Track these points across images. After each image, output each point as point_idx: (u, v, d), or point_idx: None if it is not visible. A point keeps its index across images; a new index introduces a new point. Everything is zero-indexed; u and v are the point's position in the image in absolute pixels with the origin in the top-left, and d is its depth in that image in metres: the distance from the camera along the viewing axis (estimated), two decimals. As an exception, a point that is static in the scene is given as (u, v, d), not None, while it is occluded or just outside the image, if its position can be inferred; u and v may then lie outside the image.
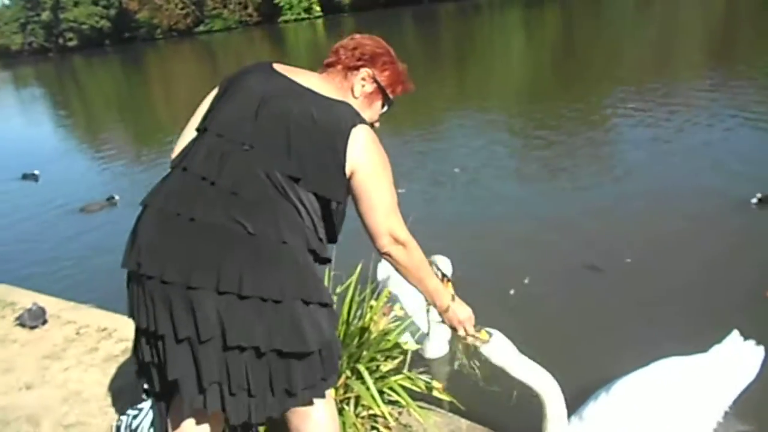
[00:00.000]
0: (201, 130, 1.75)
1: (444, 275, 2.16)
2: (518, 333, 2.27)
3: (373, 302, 2.70)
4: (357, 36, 1.94)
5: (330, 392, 1.88)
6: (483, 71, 15.53)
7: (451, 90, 13.32)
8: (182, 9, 69.29)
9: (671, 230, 4.56)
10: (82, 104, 23.49)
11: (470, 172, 6.76)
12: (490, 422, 2.52)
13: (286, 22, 64.56)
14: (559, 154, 7.02)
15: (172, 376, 1.63)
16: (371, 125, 1.85)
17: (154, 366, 1.70)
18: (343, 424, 2.39)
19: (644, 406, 2.45)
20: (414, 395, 2.53)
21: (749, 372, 2.63)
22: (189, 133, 1.80)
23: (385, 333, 2.68)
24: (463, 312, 1.99)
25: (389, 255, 1.78)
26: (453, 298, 1.96)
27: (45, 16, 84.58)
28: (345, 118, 1.71)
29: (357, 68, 1.86)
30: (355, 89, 1.86)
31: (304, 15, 65.80)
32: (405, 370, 2.53)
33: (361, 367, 2.36)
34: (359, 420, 2.44)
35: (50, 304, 4.09)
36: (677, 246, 4.31)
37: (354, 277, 2.73)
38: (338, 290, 2.78)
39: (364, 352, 2.43)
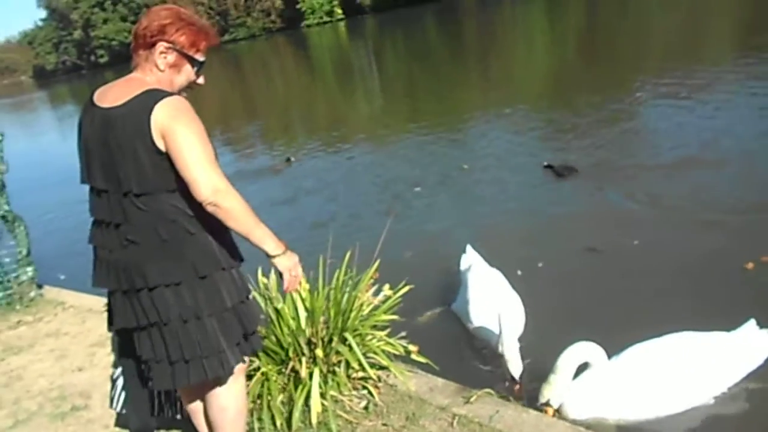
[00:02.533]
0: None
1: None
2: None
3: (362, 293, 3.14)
4: (149, 11, 2.06)
5: (240, 369, 2.21)
6: (507, 64, 15.78)
7: (476, 84, 13.56)
8: (207, 20, 70.57)
9: (697, 219, 4.81)
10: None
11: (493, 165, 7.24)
12: (462, 379, 2.96)
13: (308, 26, 65.40)
14: (587, 145, 7.30)
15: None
16: (189, 88, 2.11)
17: None
18: (337, 384, 2.87)
19: (650, 372, 2.82)
20: (396, 359, 3.00)
21: (758, 357, 2.91)
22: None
23: (375, 308, 3.15)
24: (290, 260, 2.13)
25: (213, 205, 1.92)
26: (285, 250, 2.10)
27: (77, 34, 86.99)
28: (144, 105, 1.91)
29: (153, 45, 2.01)
30: (159, 64, 2.02)
31: (326, 18, 66.47)
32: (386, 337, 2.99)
33: (348, 335, 2.83)
34: (351, 381, 2.91)
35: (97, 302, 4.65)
36: (699, 231, 4.60)
37: (344, 264, 3.19)
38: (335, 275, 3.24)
39: (349, 323, 2.90)
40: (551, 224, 5.29)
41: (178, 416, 2.50)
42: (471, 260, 4.16)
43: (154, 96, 1.94)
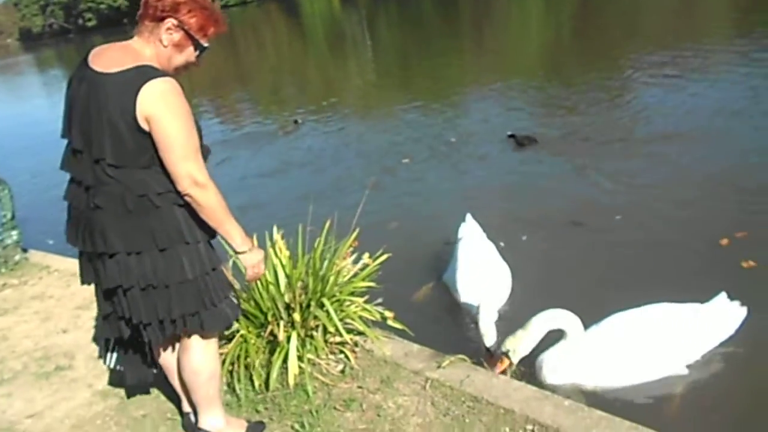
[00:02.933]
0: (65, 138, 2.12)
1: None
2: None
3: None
4: None
5: (211, 334, 2.30)
6: (500, 37, 15.76)
7: (469, 57, 13.51)
8: (198, -15, 69.19)
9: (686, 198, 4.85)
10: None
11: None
12: (436, 345, 3.05)
13: (301, -6, 64.28)
14: (576, 121, 7.36)
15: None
16: (185, 68, 2.14)
17: None
18: (315, 348, 2.95)
19: (626, 341, 2.92)
20: (374, 325, 3.08)
21: (729, 327, 3.02)
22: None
23: (354, 276, 3.22)
24: (255, 257, 2.23)
25: (190, 196, 2.01)
26: (252, 247, 2.22)
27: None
28: (132, 85, 1.91)
29: (162, 19, 2.02)
30: (163, 39, 2.04)
31: (319, -14, 65.31)
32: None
33: (325, 301, 2.90)
34: (328, 346, 3.00)
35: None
36: (678, 208, 4.67)
37: (324, 231, 3.25)
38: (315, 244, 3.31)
39: (327, 289, 2.97)
40: (535, 198, 5.37)
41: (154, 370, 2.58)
42: (469, 230, 4.20)
43: (144, 74, 1.94)
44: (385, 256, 3.28)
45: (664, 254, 4.08)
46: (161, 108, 1.94)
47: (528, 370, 2.99)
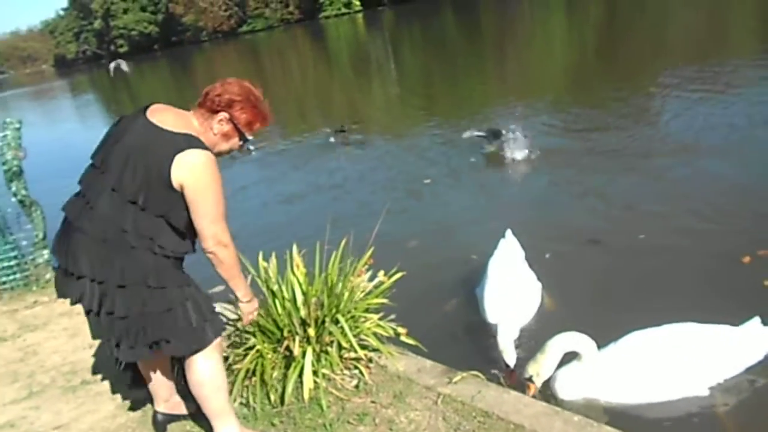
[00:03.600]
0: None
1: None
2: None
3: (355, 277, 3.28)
4: (226, 82, 2.35)
5: (213, 347, 2.43)
6: (524, 57, 15.80)
7: (492, 78, 13.60)
8: (226, 11, 71.09)
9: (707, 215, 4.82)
10: (135, 107, 24.78)
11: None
12: (449, 361, 3.09)
13: (326, 17, 65.49)
14: (599, 138, 7.36)
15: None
16: (227, 152, 2.39)
17: None
18: (330, 363, 3.02)
19: (644, 359, 2.91)
20: (388, 341, 3.15)
21: (759, 353, 2.95)
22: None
23: (368, 293, 3.29)
24: (252, 306, 2.55)
25: (213, 254, 2.28)
26: (251, 298, 2.53)
27: (97, 24, 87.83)
28: (176, 145, 2.16)
29: (216, 111, 2.30)
30: (214, 128, 2.32)
31: (344, 10, 66.49)
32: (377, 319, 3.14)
33: (340, 317, 2.98)
34: (343, 361, 3.07)
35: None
36: (702, 223, 4.65)
37: (340, 250, 3.33)
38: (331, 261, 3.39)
39: (341, 306, 3.05)
40: (559, 216, 5.39)
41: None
42: (505, 246, 4.18)
43: (188, 143, 2.18)
44: (399, 274, 3.34)
45: (687, 273, 4.02)
46: (196, 178, 2.17)
47: (543, 387, 3.02)
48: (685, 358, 2.92)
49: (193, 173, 2.16)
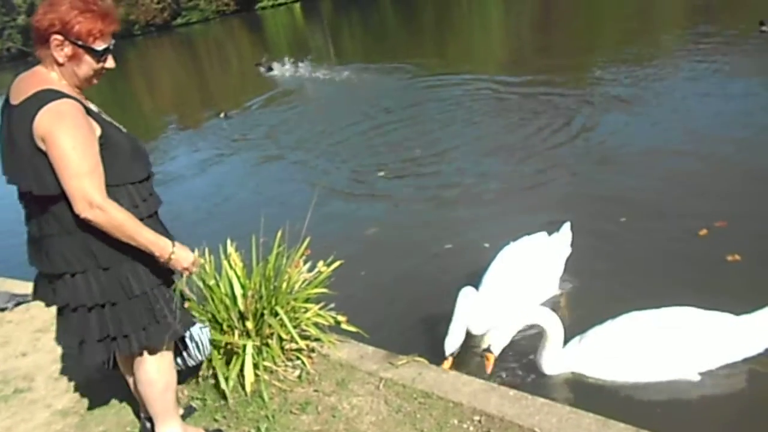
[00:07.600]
0: None
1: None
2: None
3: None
4: (44, 2, 2.00)
5: (164, 349, 2.33)
6: (462, 46, 15.99)
7: (432, 66, 13.63)
8: (158, 3, 68.82)
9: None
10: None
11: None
12: (390, 346, 3.14)
13: (263, 8, 64.31)
14: (536, 126, 7.45)
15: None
16: (99, 74, 2.08)
17: None
18: (272, 356, 3.02)
19: (635, 338, 2.90)
20: (330, 330, 3.16)
21: (759, 344, 2.86)
22: None
23: (308, 283, 3.29)
24: (186, 257, 2.19)
25: (89, 219, 1.96)
26: (172, 251, 2.12)
27: (21, 20, 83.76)
28: (31, 110, 1.93)
29: (47, 39, 1.97)
30: (57, 58, 1.99)
31: (281, 0, 65.40)
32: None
33: (279, 309, 2.98)
34: (285, 353, 3.07)
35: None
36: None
37: (276, 240, 3.31)
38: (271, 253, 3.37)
39: (280, 297, 3.04)
40: (533, 201, 5.31)
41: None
42: (561, 239, 3.85)
43: (40, 100, 1.94)
44: (337, 263, 3.36)
45: (679, 263, 3.93)
46: (53, 130, 1.91)
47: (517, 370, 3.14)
48: (676, 341, 2.88)
49: (49, 128, 1.90)
